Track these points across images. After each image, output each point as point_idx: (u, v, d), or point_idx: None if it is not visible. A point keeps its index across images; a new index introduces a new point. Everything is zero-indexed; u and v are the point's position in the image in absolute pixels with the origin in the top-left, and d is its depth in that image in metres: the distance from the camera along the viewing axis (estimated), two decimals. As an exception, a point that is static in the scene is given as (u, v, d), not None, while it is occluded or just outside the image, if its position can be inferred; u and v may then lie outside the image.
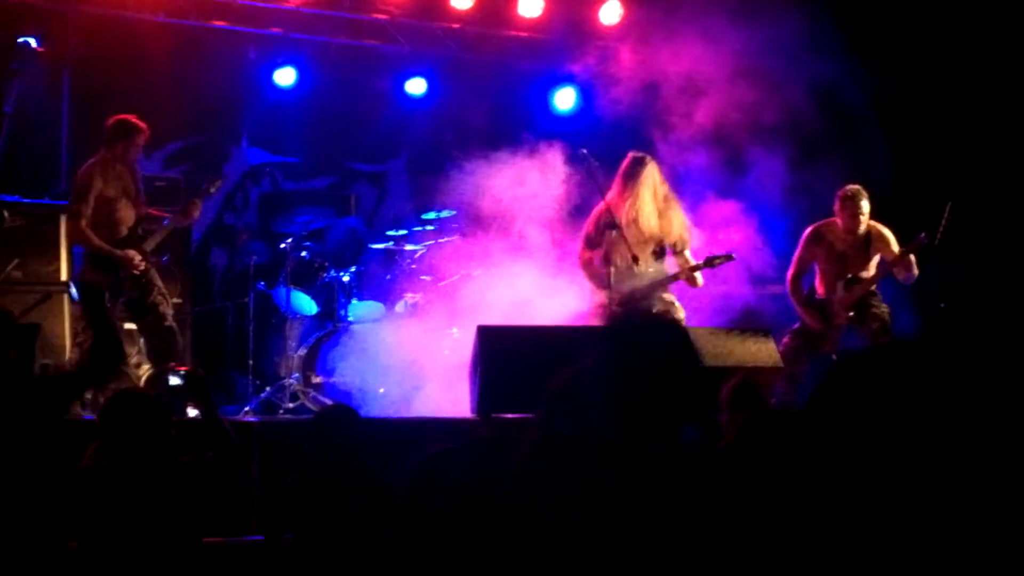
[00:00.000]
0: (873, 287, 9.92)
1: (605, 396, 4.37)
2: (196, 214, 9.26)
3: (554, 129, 11.50)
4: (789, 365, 9.74)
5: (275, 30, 11.83)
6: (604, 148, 10.23)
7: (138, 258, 8.87)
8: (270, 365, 10.50)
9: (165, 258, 9.42)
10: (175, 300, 9.31)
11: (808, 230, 10.02)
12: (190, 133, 11.82)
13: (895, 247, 9.80)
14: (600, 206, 9.62)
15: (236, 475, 5.62)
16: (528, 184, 10.41)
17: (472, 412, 8.65)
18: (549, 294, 9.80)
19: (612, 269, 9.42)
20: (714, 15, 10.53)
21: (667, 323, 5.31)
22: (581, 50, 12.29)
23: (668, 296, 9.76)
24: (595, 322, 9.30)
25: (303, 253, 10.77)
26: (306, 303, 10.76)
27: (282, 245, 10.68)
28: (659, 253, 9.69)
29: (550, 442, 4.99)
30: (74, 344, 9.08)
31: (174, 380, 5.76)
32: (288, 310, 10.62)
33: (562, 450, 4.95)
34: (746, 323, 10.33)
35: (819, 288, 10.04)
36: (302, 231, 10.71)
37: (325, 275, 10.84)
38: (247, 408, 9.46)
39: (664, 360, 4.68)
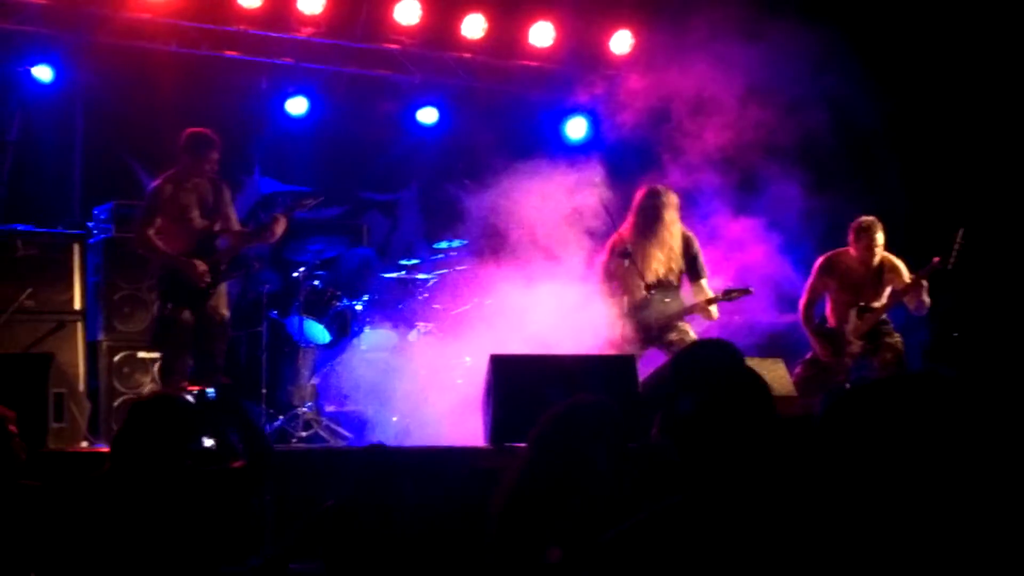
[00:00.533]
0: (884, 315, 9.92)
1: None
2: (280, 231, 9.29)
3: (566, 158, 11.51)
4: (802, 396, 9.73)
5: (287, 60, 11.87)
6: (617, 177, 10.26)
7: (202, 268, 8.93)
8: (283, 394, 10.50)
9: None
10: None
11: (820, 260, 10.01)
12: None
13: (907, 277, 9.79)
14: (614, 236, 9.63)
15: (261, 486, 5.60)
16: (540, 213, 10.42)
17: (485, 441, 8.63)
18: (563, 323, 9.79)
19: (627, 299, 9.44)
20: (724, 41, 10.56)
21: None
22: (592, 79, 12.34)
23: (683, 325, 9.76)
24: (611, 351, 9.30)
25: (315, 282, 10.79)
26: (319, 332, 10.77)
27: (295, 274, 10.69)
28: (674, 284, 9.69)
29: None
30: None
31: (210, 394, 5.73)
32: (301, 339, 10.63)
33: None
34: (771, 350, 10.36)
35: (830, 318, 10.04)
36: (314, 260, 10.73)
37: (338, 304, 10.85)
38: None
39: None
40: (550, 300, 9.98)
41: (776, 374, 8.86)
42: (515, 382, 8.47)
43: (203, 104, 11.49)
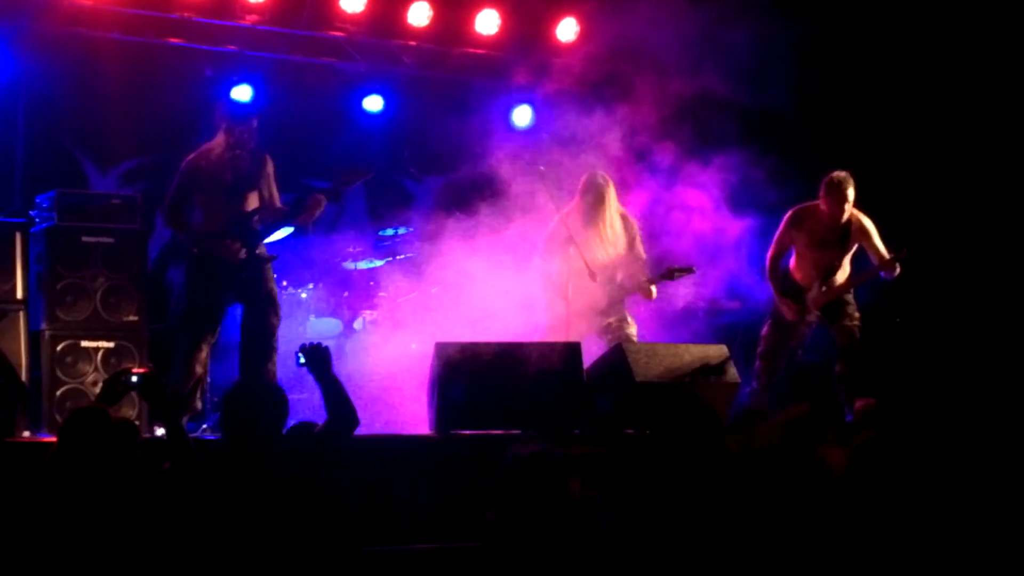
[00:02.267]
0: (850, 291, 9.90)
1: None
2: (318, 211, 9.13)
3: (512, 145, 11.53)
4: (770, 360, 9.79)
5: (231, 47, 11.80)
6: (562, 164, 10.28)
7: (235, 246, 8.82)
8: (228, 383, 10.44)
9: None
10: (131, 318, 9.22)
11: (789, 213, 9.97)
12: (147, 151, 11.74)
13: (877, 240, 9.79)
14: (556, 222, 9.67)
15: (196, 486, 5.59)
16: (486, 200, 10.44)
17: (430, 429, 8.65)
18: (508, 310, 9.82)
19: (571, 285, 9.48)
20: (670, 28, 10.61)
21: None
22: (538, 66, 12.35)
23: (622, 310, 9.84)
24: (554, 337, 9.34)
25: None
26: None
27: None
28: (616, 268, 9.75)
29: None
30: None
31: (133, 380, 5.73)
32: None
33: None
34: (719, 332, 10.44)
35: (794, 272, 9.98)
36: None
37: (283, 292, 10.80)
38: (205, 426, 9.41)
39: None
40: (496, 287, 10.01)
41: (719, 361, 8.90)
42: (460, 369, 8.49)
43: (147, 92, 11.43)
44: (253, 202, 9.02)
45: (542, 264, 9.76)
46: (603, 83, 11.15)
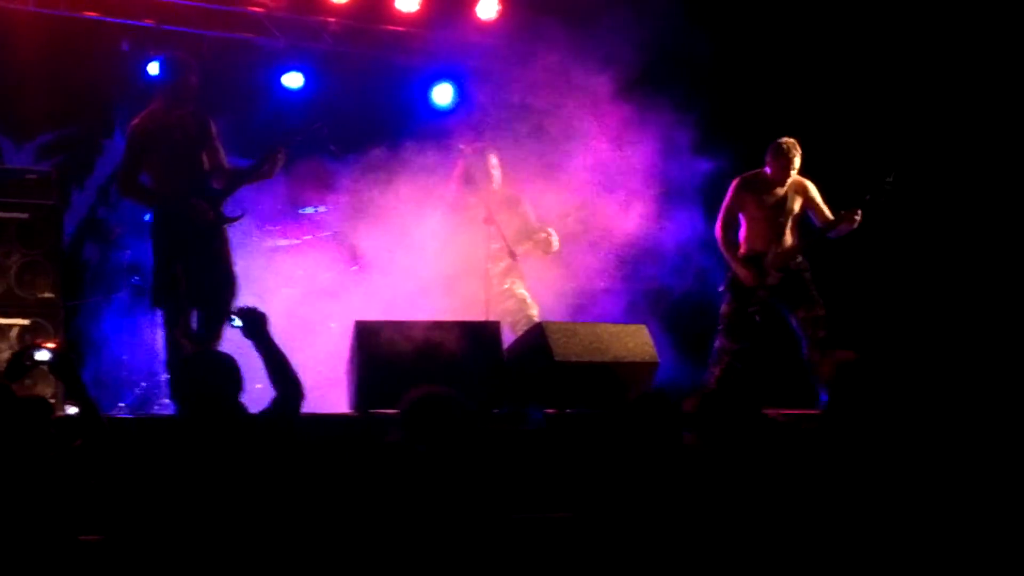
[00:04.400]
0: (800, 255, 9.94)
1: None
2: (279, 166, 8.96)
3: (433, 124, 11.54)
4: (734, 334, 9.83)
5: (148, 21, 11.66)
6: (483, 142, 10.31)
7: (202, 206, 8.61)
8: (148, 362, 10.36)
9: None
10: (46, 295, 9.12)
11: (736, 180, 10.01)
12: (62, 125, 11.61)
13: (820, 203, 9.90)
14: (474, 202, 9.74)
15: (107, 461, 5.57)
16: (406, 179, 10.44)
17: (350, 408, 8.64)
18: (429, 288, 9.83)
19: (489, 264, 9.55)
20: (588, 6, 10.66)
21: None
22: (459, 45, 12.34)
23: (521, 291, 9.91)
24: (477, 316, 9.38)
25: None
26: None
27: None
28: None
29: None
30: None
31: (41, 356, 5.64)
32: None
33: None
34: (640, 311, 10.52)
35: (747, 242, 10.00)
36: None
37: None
38: (121, 404, 9.35)
39: None
40: (416, 266, 10.01)
41: (638, 340, 8.96)
42: (380, 348, 8.48)
43: (63, 66, 11.27)
44: (205, 163, 8.84)
45: (459, 241, 9.84)
46: (524, 61, 11.15)
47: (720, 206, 10.02)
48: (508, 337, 9.28)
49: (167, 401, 9.74)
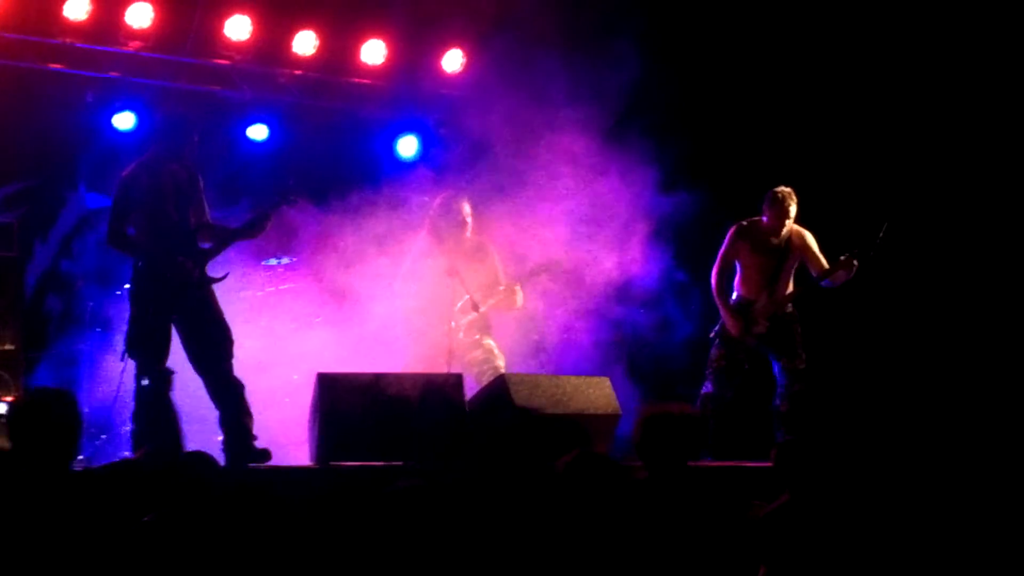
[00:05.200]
0: (790, 305, 9.99)
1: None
2: (266, 227, 8.86)
3: (398, 177, 11.58)
4: (722, 379, 9.92)
5: (114, 73, 11.66)
6: (455, 189, 10.37)
7: (188, 263, 8.51)
8: (107, 413, 10.30)
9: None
10: (7, 346, 9.08)
11: (733, 227, 10.09)
12: (26, 176, 11.57)
13: (817, 252, 9.98)
14: (422, 249, 9.78)
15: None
16: (371, 230, 10.46)
17: (311, 460, 8.60)
18: (391, 340, 9.83)
19: (454, 317, 9.56)
20: (551, 60, 10.73)
21: None
22: (424, 98, 12.40)
23: (488, 342, 9.92)
24: (440, 368, 9.37)
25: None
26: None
27: (118, 292, 10.52)
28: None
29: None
30: None
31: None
32: (124, 358, 10.43)
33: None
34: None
35: (739, 288, 10.09)
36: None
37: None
38: (80, 457, 9.28)
39: None
40: (379, 317, 10.02)
41: (601, 392, 8.96)
42: (342, 401, 8.46)
43: (26, 117, 11.25)
44: (193, 219, 8.77)
45: (413, 290, 9.85)
46: (489, 113, 11.20)
47: (715, 252, 10.14)
48: (474, 387, 9.28)
49: (127, 454, 9.70)
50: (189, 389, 8.70)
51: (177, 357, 8.65)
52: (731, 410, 9.99)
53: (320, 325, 10.47)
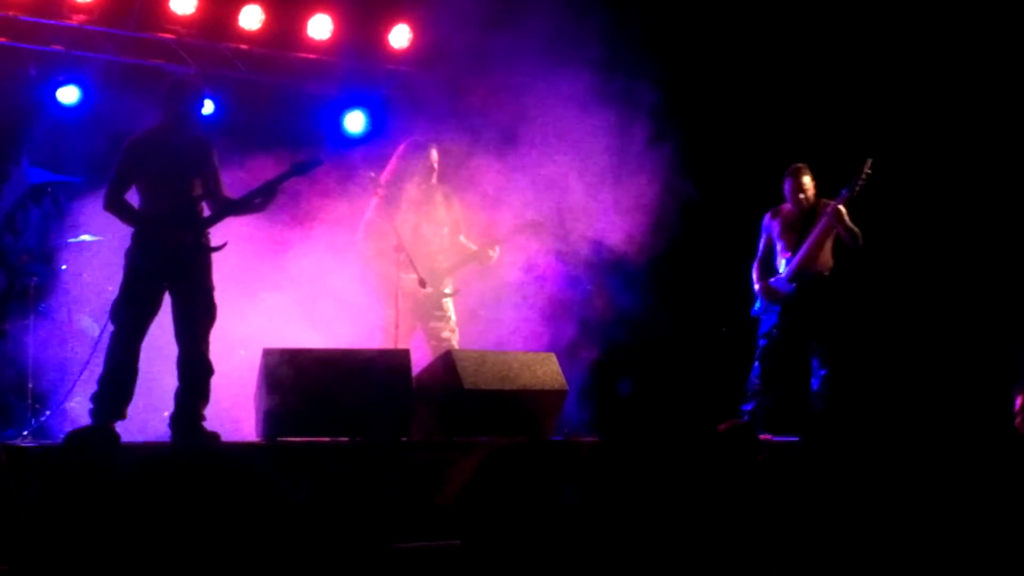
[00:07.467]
0: (825, 269, 10.23)
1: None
2: (271, 199, 8.74)
3: (345, 151, 11.55)
4: (764, 378, 10.19)
5: (57, 47, 11.56)
6: (426, 136, 10.39)
7: (181, 231, 8.40)
8: (51, 388, 10.25)
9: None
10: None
11: (766, 214, 10.50)
12: (-34, 151, 11.47)
13: (848, 222, 10.13)
14: (387, 223, 9.76)
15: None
16: (318, 206, 10.44)
17: (258, 436, 8.60)
18: (337, 315, 9.83)
19: (401, 286, 9.57)
20: (501, 35, 10.71)
21: None
22: (371, 73, 12.36)
23: (451, 314, 9.95)
24: (383, 342, 9.38)
25: (84, 275, 10.56)
26: (88, 326, 10.54)
27: (63, 266, 10.46)
28: (443, 264, 9.91)
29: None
30: None
31: None
32: (69, 332, 10.40)
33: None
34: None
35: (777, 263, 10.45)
36: (84, 253, 10.49)
37: (110, 297, 10.62)
38: (25, 432, 9.24)
39: None
40: (326, 292, 10.01)
41: (547, 368, 9.00)
42: (288, 376, 8.46)
43: (-33, 91, 11.17)
44: (198, 188, 8.64)
45: (372, 265, 9.85)
46: (436, 89, 11.19)
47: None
48: (429, 359, 9.35)
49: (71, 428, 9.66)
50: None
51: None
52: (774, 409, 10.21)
53: (266, 300, 10.43)
